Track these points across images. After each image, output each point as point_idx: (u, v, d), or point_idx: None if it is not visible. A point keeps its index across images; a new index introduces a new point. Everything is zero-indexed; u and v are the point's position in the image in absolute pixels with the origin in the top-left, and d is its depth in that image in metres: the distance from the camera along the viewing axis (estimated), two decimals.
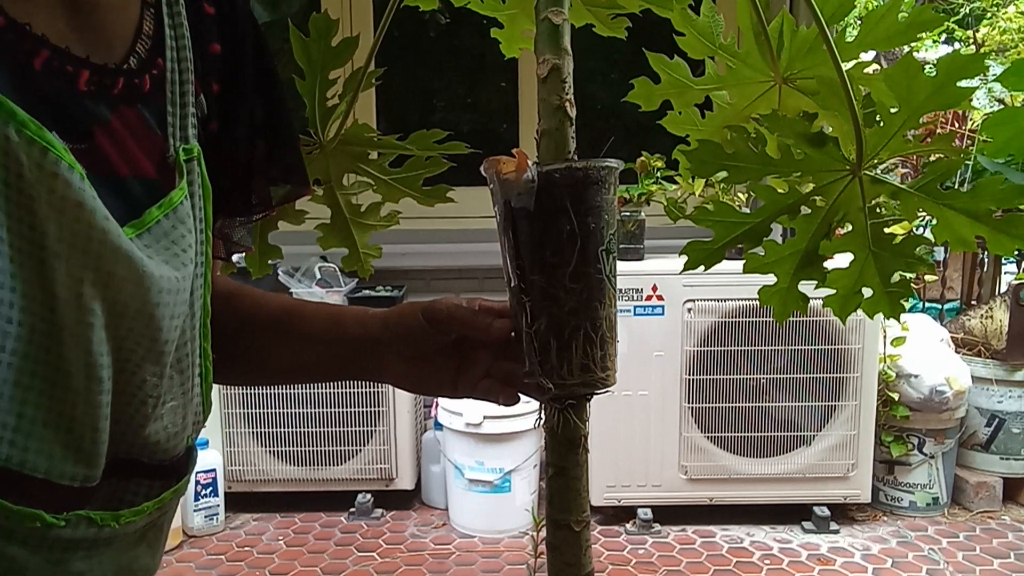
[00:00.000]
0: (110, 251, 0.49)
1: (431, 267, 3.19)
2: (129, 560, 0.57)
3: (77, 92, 0.52)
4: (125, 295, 0.51)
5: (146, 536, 0.59)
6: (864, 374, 2.64)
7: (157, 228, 0.54)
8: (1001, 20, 4.36)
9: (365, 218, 0.84)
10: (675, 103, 0.74)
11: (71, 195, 0.47)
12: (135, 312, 0.52)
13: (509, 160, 0.57)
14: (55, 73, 0.50)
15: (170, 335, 0.55)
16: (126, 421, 0.54)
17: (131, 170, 0.54)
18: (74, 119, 0.51)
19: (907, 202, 0.64)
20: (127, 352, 0.53)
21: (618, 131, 3.22)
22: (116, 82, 0.54)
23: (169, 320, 0.54)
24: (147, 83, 0.56)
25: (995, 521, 2.80)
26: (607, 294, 0.59)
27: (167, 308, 0.54)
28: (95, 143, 0.52)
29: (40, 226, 0.47)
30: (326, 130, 0.78)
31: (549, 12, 0.57)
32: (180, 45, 0.58)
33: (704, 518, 2.76)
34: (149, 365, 0.54)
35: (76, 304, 0.49)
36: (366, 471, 2.83)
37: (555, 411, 0.59)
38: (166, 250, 0.54)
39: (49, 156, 0.46)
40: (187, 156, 0.58)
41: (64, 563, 0.52)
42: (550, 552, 0.60)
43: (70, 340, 0.49)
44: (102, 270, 0.49)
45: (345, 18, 3.19)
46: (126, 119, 0.54)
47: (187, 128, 0.58)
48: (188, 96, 0.59)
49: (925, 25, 0.63)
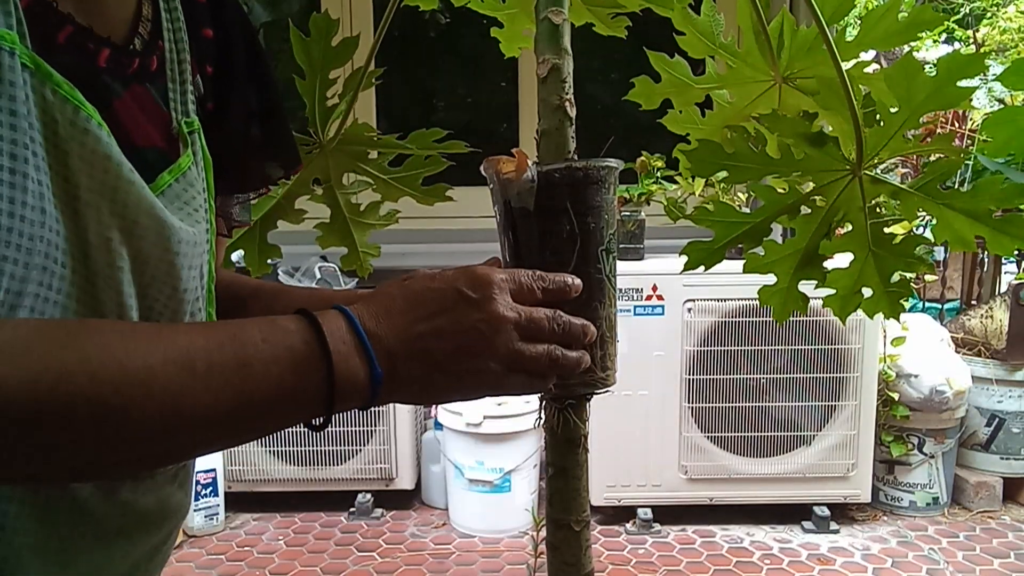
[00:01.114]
0: (134, 201, 0.54)
1: (431, 267, 3.18)
2: (166, 495, 0.63)
3: (97, 68, 0.56)
4: (148, 244, 0.55)
5: (178, 475, 0.64)
6: (864, 374, 2.64)
7: (170, 191, 0.59)
8: (1001, 20, 4.36)
9: (364, 217, 0.84)
10: (675, 102, 0.74)
11: (100, 149, 0.51)
12: (157, 260, 0.56)
13: (509, 160, 0.57)
14: (77, 48, 0.54)
15: (188, 284, 0.60)
16: None
17: (144, 140, 0.59)
18: (94, 91, 0.54)
19: (907, 202, 0.64)
20: (151, 299, 0.57)
21: (618, 131, 3.22)
22: (132, 62, 0.59)
23: (187, 271, 0.59)
24: (154, 63, 0.61)
25: (995, 521, 2.80)
26: (607, 294, 0.59)
27: (185, 259, 0.58)
28: (114, 114, 0.56)
29: (73, 178, 0.51)
30: (326, 130, 0.78)
31: (549, 12, 0.57)
32: (176, 27, 0.63)
33: (704, 518, 2.76)
34: (169, 314, 0.59)
35: (106, 249, 0.53)
36: (366, 471, 2.83)
37: (555, 411, 0.59)
38: (180, 210, 0.59)
39: (81, 114, 0.51)
40: (189, 129, 0.62)
41: (112, 492, 0.57)
42: (550, 552, 0.60)
43: (103, 284, 0.53)
44: (128, 219, 0.54)
45: (345, 18, 3.19)
46: (136, 95, 0.59)
47: (187, 104, 0.63)
48: (187, 75, 0.63)
49: (925, 25, 0.63)
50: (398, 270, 2.76)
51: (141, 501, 0.59)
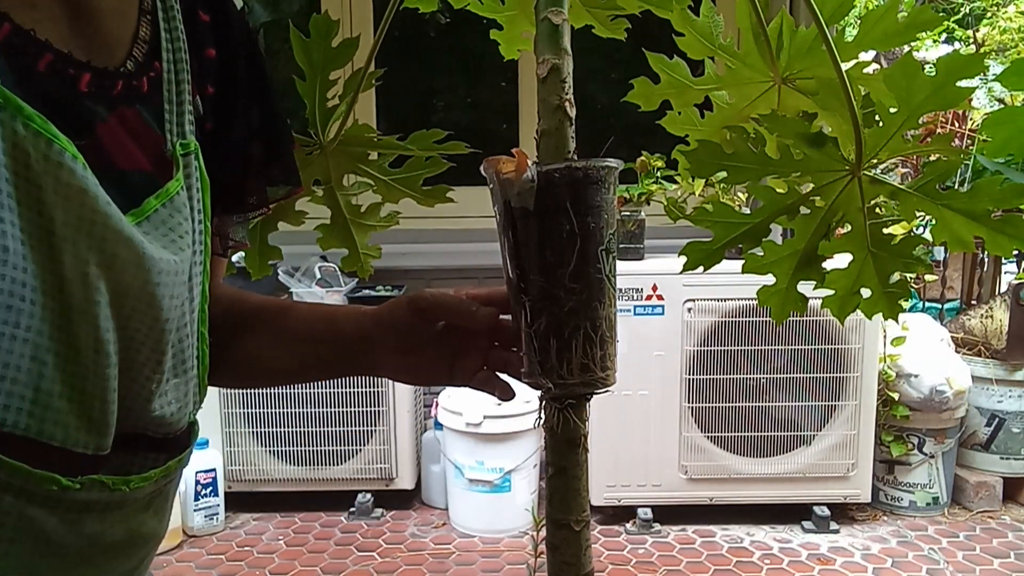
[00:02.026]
0: (112, 234, 0.53)
1: (431, 267, 3.20)
2: (137, 524, 0.61)
3: (78, 93, 0.55)
4: (128, 276, 0.54)
5: (152, 503, 0.63)
6: (864, 374, 2.65)
7: (155, 216, 0.58)
8: (1001, 20, 4.37)
9: (365, 218, 0.85)
10: (674, 103, 0.74)
11: (75, 182, 0.51)
12: (137, 292, 0.55)
13: (509, 160, 0.57)
14: (58, 75, 0.54)
15: (170, 314, 0.58)
16: (133, 397, 0.58)
17: (130, 164, 0.58)
18: (76, 117, 0.54)
19: (906, 202, 0.64)
20: (132, 331, 0.56)
21: (618, 131, 3.22)
22: (115, 84, 0.58)
23: (169, 300, 0.58)
24: (145, 85, 0.60)
25: (995, 521, 2.81)
26: (607, 294, 0.59)
27: (166, 288, 0.57)
28: (96, 140, 0.55)
29: (48, 212, 0.50)
30: (326, 131, 0.78)
31: (549, 12, 0.57)
32: (176, 47, 0.62)
33: (704, 518, 2.76)
34: (151, 343, 0.58)
35: (83, 284, 0.52)
36: (366, 471, 2.83)
37: (555, 411, 0.59)
38: (164, 236, 0.58)
39: (54, 147, 0.50)
40: (184, 151, 0.61)
41: (79, 523, 0.56)
42: (550, 552, 0.60)
43: (79, 318, 0.53)
44: (106, 252, 0.53)
45: (345, 19, 3.19)
46: (124, 117, 0.58)
47: (184, 125, 0.62)
48: (184, 95, 0.62)
49: (924, 25, 0.63)
50: (399, 270, 2.80)
51: (109, 532, 0.58)
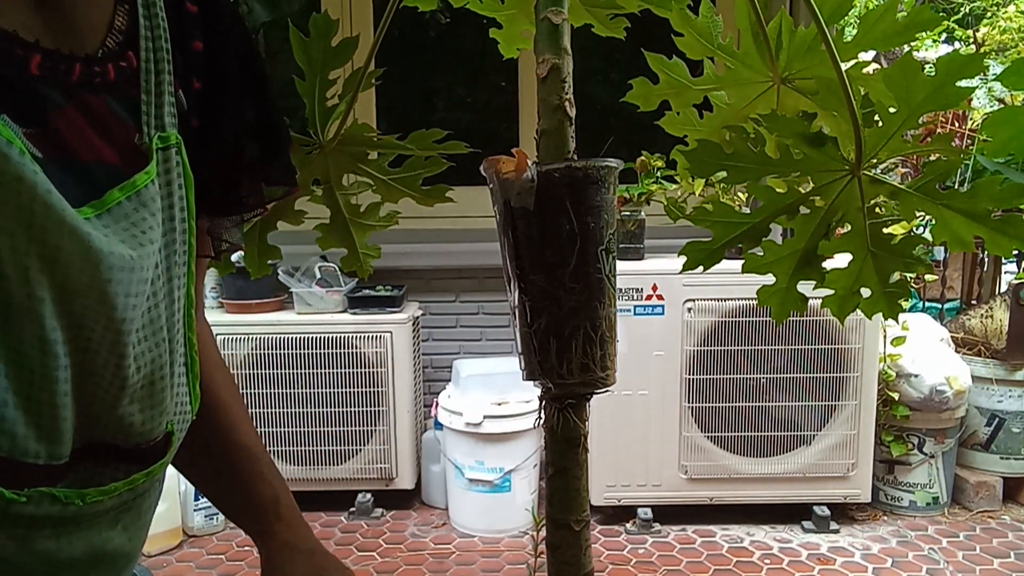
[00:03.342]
0: (54, 225, 0.49)
1: (431, 267, 3.20)
2: (102, 541, 0.58)
3: (28, 76, 0.52)
4: (75, 270, 0.51)
5: (120, 519, 0.59)
6: (864, 374, 2.65)
7: (118, 209, 0.54)
8: (1001, 19, 4.36)
9: (364, 218, 0.84)
10: (673, 103, 0.74)
11: (10, 169, 0.47)
12: (86, 288, 0.52)
13: (509, 160, 0.57)
14: (3, 55, 0.51)
15: (126, 314, 0.55)
16: (94, 403, 0.55)
17: (93, 155, 0.55)
18: (26, 102, 0.51)
19: (906, 202, 0.64)
20: (86, 331, 0.53)
21: (618, 130, 3.22)
22: (72, 69, 0.54)
23: (124, 299, 0.54)
24: (111, 72, 0.56)
25: (995, 521, 2.80)
26: (606, 294, 0.59)
27: (120, 286, 0.54)
28: (51, 127, 0.53)
29: None
30: (326, 130, 0.78)
31: (548, 12, 0.57)
32: (156, 37, 0.59)
33: (704, 518, 2.76)
34: (108, 345, 0.54)
35: (24, 279, 0.49)
36: (366, 471, 2.83)
37: (555, 410, 0.59)
38: (125, 231, 0.55)
39: None
40: (163, 144, 0.58)
41: (29, 541, 0.52)
42: (550, 552, 0.60)
43: (20, 317, 0.50)
44: (48, 244, 0.50)
45: (345, 18, 3.19)
46: (88, 107, 0.55)
47: (163, 118, 0.59)
48: (164, 87, 0.59)
49: (923, 25, 0.63)
50: (398, 270, 2.80)
51: (66, 550, 0.55)
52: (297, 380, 2.78)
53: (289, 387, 2.78)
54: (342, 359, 2.77)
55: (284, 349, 2.76)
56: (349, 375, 2.77)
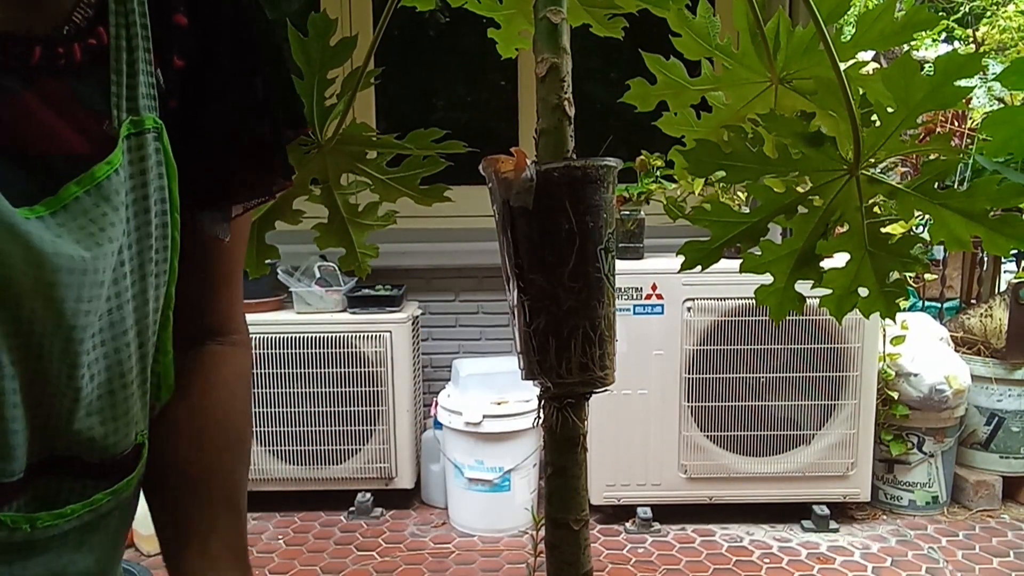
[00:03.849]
0: None
1: (431, 266, 3.20)
2: (63, 565, 0.53)
3: None
4: (16, 272, 0.46)
5: (85, 540, 0.55)
6: (864, 373, 2.65)
7: (76, 205, 0.50)
8: (1000, 19, 4.36)
9: (362, 218, 0.84)
10: (671, 104, 0.74)
11: None
12: (30, 292, 0.47)
13: (508, 159, 0.57)
14: None
15: (77, 320, 0.50)
16: (47, 414, 0.51)
17: (52, 146, 0.50)
18: None
19: (903, 202, 0.64)
20: (36, 337, 0.49)
21: (617, 130, 3.22)
22: (30, 52, 0.49)
23: (74, 303, 0.49)
24: (77, 53, 0.51)
25: (995, 520, 2.81)
26: (606, 293, 0.59)
27: (69, 290, 0.49)
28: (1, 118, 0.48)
29: None
30: (324, 129, 0.78)
31: (547, 11, 0.57)
32: (129, 11, 0.54)
33: (704, 517, 2.76)
34: (59, 352, 0.50)
35: None
36: (366, 470, 2.83)
37: (554, 410, 0.59)
38: (81, 229, 0.50)
39: None
40: (136, 129, 0.53)
41: None
42: (549, 551, 0.60)
43: None
44: None
45: (344, 17, 3.19)
46: (48, 92, 0.50)
47: (137, 100, 0.54)
48: (138, 65, 0.54)
49: (922, 24, 0.63)
50: (397, 269, 2.81)
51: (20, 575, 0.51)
52: (296, 380, 2.78)
53: (288, 387, 2.78)
54: (341, 359, 2.77)
55: (283, 348, 2.77)
56: (348, 375, 2.77)
